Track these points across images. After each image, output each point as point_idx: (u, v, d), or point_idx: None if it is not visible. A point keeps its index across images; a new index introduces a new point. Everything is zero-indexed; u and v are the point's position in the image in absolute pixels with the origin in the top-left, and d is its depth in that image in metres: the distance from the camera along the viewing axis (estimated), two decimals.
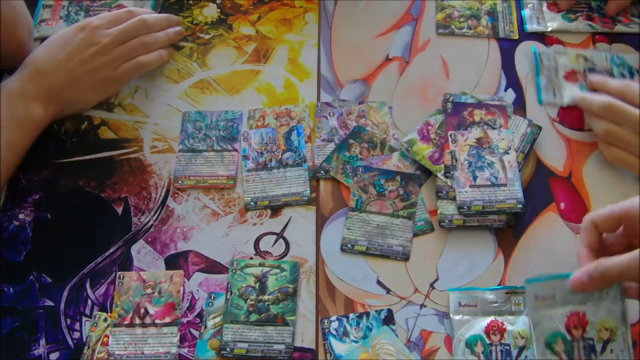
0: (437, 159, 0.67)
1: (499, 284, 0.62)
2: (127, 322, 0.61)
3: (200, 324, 0.61)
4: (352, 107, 0.72)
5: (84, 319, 0.62)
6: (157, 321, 0.61)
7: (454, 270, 0.63)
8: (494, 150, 0.67)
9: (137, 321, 0.61)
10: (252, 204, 0.67)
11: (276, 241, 0.65)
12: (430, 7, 0.80)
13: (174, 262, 0.64)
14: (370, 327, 0.60)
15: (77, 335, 0.61)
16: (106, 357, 0.59)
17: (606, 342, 0.53)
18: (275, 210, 0.67)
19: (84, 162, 0.71)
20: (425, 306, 0.61)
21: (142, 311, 0.61)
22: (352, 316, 0.61)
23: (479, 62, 0.76)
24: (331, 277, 0.63)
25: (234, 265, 0.63)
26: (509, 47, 0.77)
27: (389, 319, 0.61)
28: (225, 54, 0.78)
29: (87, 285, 0.63)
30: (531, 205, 0.66)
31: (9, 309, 0.62)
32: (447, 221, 0.64)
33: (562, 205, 0.66)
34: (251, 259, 0.64)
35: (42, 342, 0.61)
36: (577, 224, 0.65)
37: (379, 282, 0.63)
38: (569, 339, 0.54)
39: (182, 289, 0.63)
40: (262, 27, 0.79)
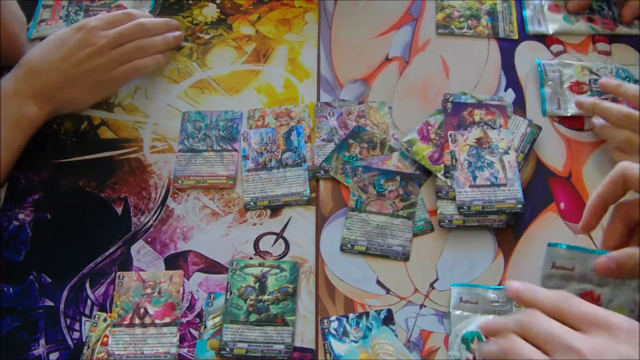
0: (437, 159, 0.67)
1: (499, 284, 0.62)
2: (126, 322, 0.61)
3: (199, 324, 0.61)
4: (352, 107, 0.72)
5: (84, 319, 0.62)
6: (157, 321, 0.61)
7: (453, 270, 0.63)
8: (493, 150, 0.67)
9: (137, 321, 0.61)
10: (251, 204, 0.67)
11: (276, 241, 0.65)
12: (430, 7, 0.80)
13: (174, 262, 0.64)
14: (370, 327, 0.60)
15: (76, 335, 0.61)
16: (106, 357, 0.59)
17: None
18: (275, 210, 0.67)
19: (83, 162, 0.71)
20: (425, 306, 0.61)
21: (142, 311, 0.61)
22: (351, 316, 0.61)
23: (479, 62, 0.76)
24: (331, 277, 0.63)
25: (234, 265, 0.63)
26: (509, 47, 0.77)
27: (388, 319, 0.61)
28: (225, 54, 0.78)
29: (87, 285, 0.63)
30: (531, 205, 0.66)
31: (9, 309, 0.62)
32: (446, 221, 0.64)
33: (562, 205, 0.66)
34: (251, 259, 0.64)
35: (42, 342, 0.61)
36: (577, 224, 0.65)
37: (379, 282, 0.63)
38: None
39: (181, 289, 0.63)
40: (262, 27, 0.79)
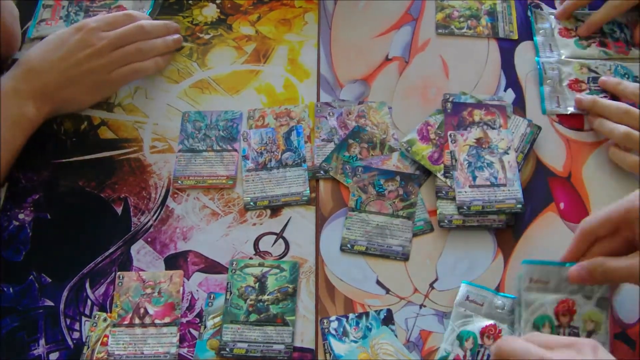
0: (436, 159, 0.67)
1: (499, 284, 0.62)
2: (126, 322, 0.61)
3: (199, 324, 0.61)
4: (351, 107, 0.72)
5: (84, 319, 0.62)
6: (157, 321, 0.61)
7: (453, 270, 0.63)
8: (493, 150, 0.67)
9: (137, 321, 0.61)
10: (251, 204, 0.67)
11: (276, 241, 0.65)
12: (430, 7, 0.80)
13: (174, 262, 0.65)
14: (369, 327, 0.60)
15: (76, 335, 0.61)
16: (106, 357, 0.59)
17: (590, 333, 0.56)
18: (274, 210, 0.67)
19: (83, 162, 0.71)
20: (424, 306, 0.61)
21: (142, 311, 0.61)
22: (351, 316, 0.61)
23: (479, 62, 0.76)
24: (331, 277, 0.63)
25: (234, 265, 0.63)
26: (508, 47, 0.77)
27: (388, 319, 0.61)
28: (225, 54, 0.78)
29: (87, 285, 0.63)
30: (531, 205, 0.66)
31: (9, 309, 0.62)
32: (446, 221, 0.64)
33: (562, 205, 0.66)
34: (251, 259, 0.64)
35: (42, 342, 0.61)
36: (577, 224, 0.65)
37: (379, 282, 0.63)
38: (556, 324, 0.56)
39: (181, 289, 0.63)
40: (261, 27, 0.79)
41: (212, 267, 0.64)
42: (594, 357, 0.47)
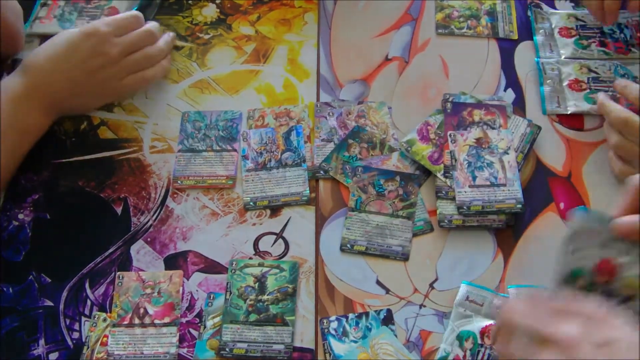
0: (436, 159, 0.67)
1: (499, 284, 0.62)
2: (126, 322, 0.61)
3: (199, 324, 0.61)
4: (351, 107, 0.72)
5: (84, 319, 0.62)
6: (157, 321, 0.61)
7: (453, 270, 0.63)
8: (493, 150, 0.67)
9: (137, 321, 0.61)
10: (251, 204, 0.67)
11: (275, 241, 0.65)
12: (429, 7, 0.80)
13: (174, 262, 0.64)
14: (369, 327, 0.60)
15: (76, 335, 0.61)
16: (105, 357, 0.59)
17: (625, 299, 0.50)
18: (274, 210, 0.67)
19: (83, 162, 0.71)
20: (424, 306, 0.61)
21: (142, 311, 0.61)
22: (351, 316, 0.61)
23: (479, 62, 0.76)
24: (330, 277, 0.63)
25: (234, 265, 0.63)
26: (508, 47, 0.77)
27: (388, 319, 0.61)
28: (224, 54, 0.78)
29: (87, 285, 0.63)
30: (531, 205, 0.66)
31: (9, 309, 0.62)
32: (446, 221, 0.64)
33: (562, 205, 0.66)
34: (250, 259, 0.64)
35: (42, 342, 0.61)
36: None
37: (379, 282, 0.63)
38: (592, 281, 0.51)
39: (181, 289, 0.63)
40: (261, 27, 0.79)
41: (211, 267, 0.64)
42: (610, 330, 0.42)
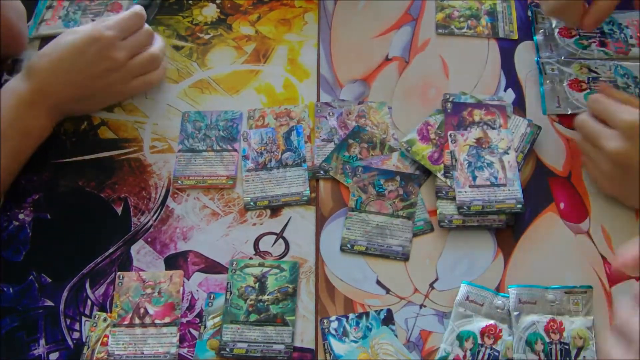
0: (436, 159, 0.67)
1: (499, 284, 0.62)
2: (126, 322, 0.61)
3: (199, 324, 0.61)
4: (351, 107, 0.72)
5: (84, 319, 0.62)
6: (157, 321, 0.61)
7: (453, 270, 0.63)
8: (493, 150, 0.67)
9: (137, 321, 0.61)
10: (251, 204, 0.67)
11: (276, 241, 0.65)
12: (429, 7, 0.80)
13: (174, 262, 0.65)
14: (369, 327, 0.60)
15: (76, 335, 0.61)
16: (106, 357, 0.59)
17: (580, 349, 0.58)
18: (274, 210, 0.67)
19: (83, 162, 0.71)
20: (424, 306, 0.61)
21: (142, 311, 0.61)
22: (351, 316, 0.61)
23: (479, 62, 0.76)
24: (331, 277, 0.63)
25: (234, 265, 0.63)
26: (508, 47, 0.77)
27: (388, 319, 0.61)
28: (224, 54, 0.78)
29: (87, 285, 0.63)
30: (531, 205, 0.66)
31: (9, 309, 0.62)
32: (446, 221, 0.64)
33: (562, 205, 0.66)
34: (251, 259, 0.64)
35: (42, 342, 0.61)
36: (577, 223, 0.65)
37: (379, 282, 0.63)
38: (547, 340, 0.58)
39: (181, 289, 0.63)
40: (261, 27, 0.79)
41: (212, 267, 0.64)
42: None
